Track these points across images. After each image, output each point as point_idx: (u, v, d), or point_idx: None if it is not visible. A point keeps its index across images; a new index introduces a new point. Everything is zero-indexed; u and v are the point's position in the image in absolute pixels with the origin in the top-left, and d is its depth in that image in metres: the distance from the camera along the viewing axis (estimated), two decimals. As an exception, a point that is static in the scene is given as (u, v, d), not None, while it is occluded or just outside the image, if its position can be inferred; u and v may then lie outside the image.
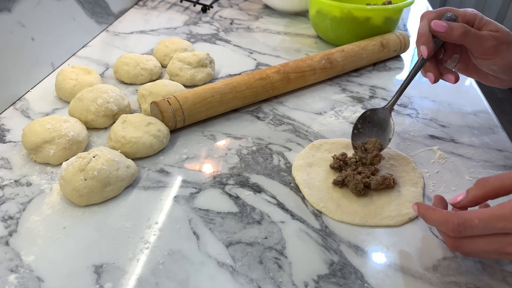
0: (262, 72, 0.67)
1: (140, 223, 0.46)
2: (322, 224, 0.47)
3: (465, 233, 0.35)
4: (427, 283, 0.40)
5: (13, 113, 0.65)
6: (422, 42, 0.52)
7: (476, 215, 0.35)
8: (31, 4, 0.70)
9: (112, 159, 0.49)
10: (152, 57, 0.76)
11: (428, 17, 0.53)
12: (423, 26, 0.53)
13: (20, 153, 0.56)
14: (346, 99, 0.70)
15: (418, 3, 1.18)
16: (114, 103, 0.61)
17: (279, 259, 0.43)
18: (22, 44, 0.68)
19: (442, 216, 0.37)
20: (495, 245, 0.35)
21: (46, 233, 0.45)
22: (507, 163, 0.56)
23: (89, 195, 0.47)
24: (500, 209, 0.35)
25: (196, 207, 0.49)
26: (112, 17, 0.98)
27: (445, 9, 0.53)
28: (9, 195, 0.50)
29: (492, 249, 0.35)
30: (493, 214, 0.34)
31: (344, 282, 0.40)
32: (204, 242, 0.44)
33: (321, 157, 0.56)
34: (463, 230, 0.35)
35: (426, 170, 0.54)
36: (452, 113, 0.67)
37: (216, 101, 0.62)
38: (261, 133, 0.61)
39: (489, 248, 0.35)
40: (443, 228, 0.37)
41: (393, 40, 0.80)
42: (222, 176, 0.53)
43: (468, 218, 0.35)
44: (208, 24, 1.00)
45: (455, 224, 0.35)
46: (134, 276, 0.41)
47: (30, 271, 0.41)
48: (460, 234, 0.36)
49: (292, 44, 0.90)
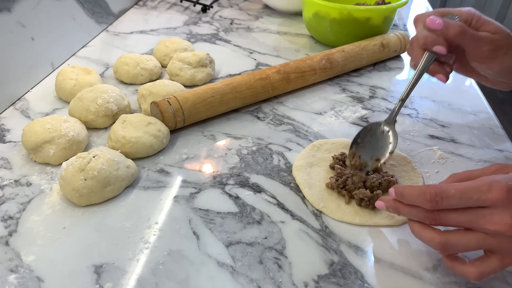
0: (262, 72, 0.67)
1: (140, 223, 0.46)
2: (322, 224, 0.47)
3: (441, 204, 0.36)
4: (427, 283, 0.40)
5: (13, 113, 0.65)
6: (431, 42, 0.48)
7: (453, 186, 0.36)
8: (31, 4, 0.70)
9: (112, 159, 0.49)
10: (152, 57, 0.76)
11: (423, 20, 0.49)
12: (421, 30, 0.50)
13: (20, 153, 0.56)
14: (346, 99, 0.70)
15: (418, 3, 1.18)
16: (114, 103, 0.61)
17: (279, 259, 0.43)
18: (22, 44, 0.68)
19: (419, 189, 0.37)
20: (470, 217, 0.35)
21: (46, 233, 0.45)
22: (507, 163, 0.56)
23: (89, 195, 0.47)
24: (475, 182, 0.36)
25: (196, 207, 0.49)
26: (112, 17, 0.98)
27: (439, 10, 0.51)
28: (9, 195, 0.50)
29: (466, 221, 0.36)
30: (469, 185, 0.35)
31: (344, 282, 0.40)
32: (204, 242, 0.44)
33: (321, 157, 0.56)
34: (440, 201, 0.36)
35: (426, 170, 0.54)
36: (452, 113, 0.67)
37: (216, 101, 0.62)
38: (261, 133, 0.61)
39: (464, 220, 0.36)
40: (421, 201, 0.37)
41: (393, 40, 0.80)
42: (222, 176, 0.53)
43: (445, 189, 0.36)
44: (208, 24, 1.00)
45: (432, 194, 0.36)
46: (134, 276, 0.41)
47: (30, 271, 0.41)
48: (437, 204, 0.36)
49: (292, 44, 0.90)
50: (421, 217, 0.38)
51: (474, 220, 0.35)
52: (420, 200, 0.37)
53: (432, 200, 0.36)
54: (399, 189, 0.39)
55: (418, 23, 0.51)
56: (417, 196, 0.37)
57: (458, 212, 0.36)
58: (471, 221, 0.35)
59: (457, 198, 0.35)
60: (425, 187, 0.37)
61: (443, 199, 0.36)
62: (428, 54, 0.50)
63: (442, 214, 0.37)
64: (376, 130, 0.54)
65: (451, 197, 0.35)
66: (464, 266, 0.37)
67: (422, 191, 0.37)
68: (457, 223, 0.36)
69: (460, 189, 0.35)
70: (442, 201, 0.36)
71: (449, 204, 0.36)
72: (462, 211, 0.36)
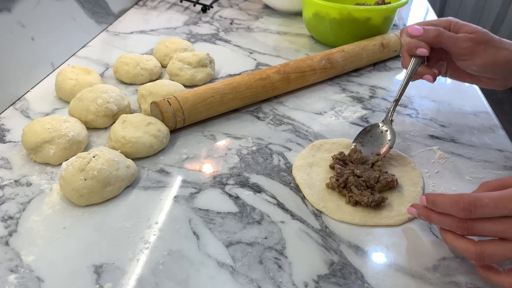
0: (262, 72, 0.67)
1: (140, 223, 0.46)
2: (322, 224, 0.47)
3: (475, 213, 0.35)
4: (427, 283, 0.40)
5: (13, 113, 0.65)
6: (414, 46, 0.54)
7: (487, 195, 0.35)
8: (31, 4, 0.70)
9: (112, 159, 0.49)
10: (152, 57, 0.76)
11: (406, 30, 0.56)
12: (405, 38, 0.56)
13: (20, 153, 0.56)
14: (346, 99, 0.70)
15: (418, 3, 1.18)
16: (114, 103, 0.61)
17: (279, 259, 0.43)
18: (22, 44, 0.68)
19: (452, 197, 0.37)
20: (505, 227, 0.35)
21: (46, 233, 0.45)
22: (507, 163, 0.56)
23: (89, 195, 0.47)
24: (510, 190, 0.35)
25: (196, 207, 0.49)
26: (112, 17, 0.98)
27: (420, 23, 0.56)
28: (9, 195, 0.50)
29: (501, 231, 0.35)
30: (504, 194, 0.35)
31: (344, 282, 0.40)
32: (204, 242, 0.44)
33: (321, 157, 0.56)
34: (474, 210, 0.35)
35: (426, 170, 0.54)
36: (452, 113, 0.67)
37: (216, 101, 0.62)
38: (261, 133, 0.61)
39: (499, 230, 0.35)
40: (454, 210, 0.37)
41: (393, 40, 0.80)
42: (222, 176, 0.53)
43: (479, 198, 0.35)
44: (208, 24, 1.00)
45: (466, 203, 0.35)
46: (134, 276, 0.41)
47: (30, 271, 0.41)
48: (471, 213, 0.35)
49: (292, 44, 0.90)
50: (453, 226, 0.38)
51: (509, 229, 0.35)
52: (454, 209, 0.37)
53: (466, 209, 0.35)
54: (431, 197, 0.39)
55: (403, 33, 0.57)
56: (450, 204, 0.37)
57: (493, 222, 0.35)
58: (505, 231, 0.35)
59: (492, 207, 0.35)
60: (458, 195, 0.37)
61: (477, 208, 0.35)
62: (414, 58, 0.56)
63: (475, 223, 0.36)
64: (374, 131, 0.57)
65: (485, 206, 0.35)
66: (499, 276, 0.37)
67: (455, 200, 0.36)
68: (492, 233, 0.36)
69: (495, 198, 0.35)
70: (476, 210, 0.35)
71: (483, 213, 0.35)
72: (496, 220, 0.35)
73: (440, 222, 0.39)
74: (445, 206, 0.38)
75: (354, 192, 0.49)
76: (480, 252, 0.36)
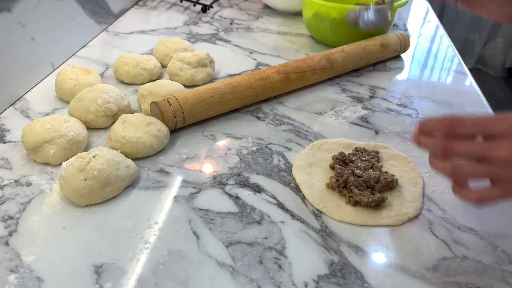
0: (262, 72, 0.67)
1: (140, 223, 0.46)
2: (322, 224, 0.47)
3: (457, 128, 0.38)
4: (427, 283, 0.40)
5: (13, 113, 0.65)
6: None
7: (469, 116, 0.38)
8: (31, 4, 0.70)
9: (112, 159, 0.49)
10: (152, 57, 0.76)
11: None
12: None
13: (20, 153, 0.56)
14: (346, 99, 0.70)
15: (418, 3, 1.18)
16: (114, 103, 0.61)
17: (279, 259, 0.43)
18: (22, 44, 0.68)
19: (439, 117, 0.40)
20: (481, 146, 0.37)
21: (46, 233, 0.45)
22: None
23: (89, 195, 0.47)
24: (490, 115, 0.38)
25: (196, 207, 0.49)
26: (112, 17, 0.98)
27: None
28: (9, 195, 0.50)
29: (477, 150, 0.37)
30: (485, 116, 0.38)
31: (344, 282, 0.40)
32: (204, 242, 0.44)
33: (321, 157, 0.56)
34: (455, 125, 0.38)
35: (426, 170, 0.54)
36: (452, 113, 0.67)
37: (216, 101, 0.62)
38: (261, 133, 0.61)
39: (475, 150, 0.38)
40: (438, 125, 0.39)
41: (393, 40, 0.80)
42: (222, 176, 0.53)
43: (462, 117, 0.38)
44: (208, 24, 1.00)
45: (449, 119, 0.38)
46: (134, 276, 0.41)
47: (30, 271, 0.41)
48: (452, 128, 0.38)
49: (292, 44, 0.90)
50: (435, 145, 0.40)
51: (485, 148, 0.37)
52: (438, 125, 0.39)
53: (449, 124, 0.38)
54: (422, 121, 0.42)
55: None
56: (436, 122, 0.39)
57: (471, 142, 0.38)
58: (481, 150, 0.37)
59: (472, 124, 0.38)
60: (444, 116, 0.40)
61: (459, 124, 0.38)
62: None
63: (455, 143, 0.39)
64: None
65: (466, 124, 0.38)
66: (468, 191, 0.39)
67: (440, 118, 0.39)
68: (468, 152, 0.38)
69: (475, 119, 0.38)
70: (457, 126, 0.38)
71: (464, 129, 0.38)
72: (474, 142, 0.38)
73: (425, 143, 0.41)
74: (432, 124, 0.40)
75: (354, 192, 0.49)
76: (455, 169, 0.39)
